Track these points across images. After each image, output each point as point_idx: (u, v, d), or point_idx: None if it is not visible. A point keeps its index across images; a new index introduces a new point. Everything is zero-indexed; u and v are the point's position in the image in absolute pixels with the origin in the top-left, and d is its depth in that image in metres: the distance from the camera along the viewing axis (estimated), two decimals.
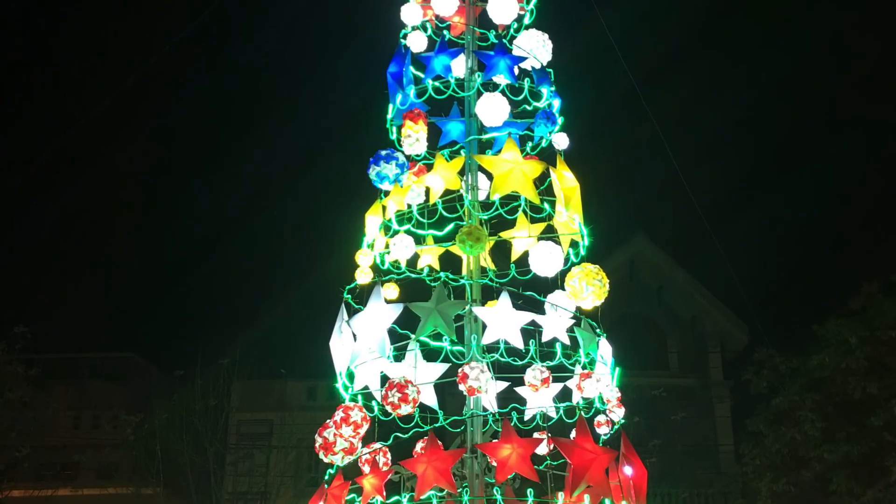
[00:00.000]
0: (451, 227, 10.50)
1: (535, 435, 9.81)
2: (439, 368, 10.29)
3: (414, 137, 10.59)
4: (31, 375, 27.30)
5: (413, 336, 9.89)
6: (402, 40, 11.39)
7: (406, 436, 10.10)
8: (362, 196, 11.13)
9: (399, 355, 10.27)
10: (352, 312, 10.17)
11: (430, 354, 10.30)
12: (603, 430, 10.12)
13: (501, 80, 10.93)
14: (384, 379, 9.85)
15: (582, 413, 9.81)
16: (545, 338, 10.10)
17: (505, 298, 9.90)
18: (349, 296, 10.51)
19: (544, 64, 11.30)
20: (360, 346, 9.91)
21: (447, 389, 10.47)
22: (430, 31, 11.49)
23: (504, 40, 11.18)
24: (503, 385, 10.65)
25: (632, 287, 33.04)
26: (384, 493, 9.48)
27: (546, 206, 10.44)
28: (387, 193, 10.79)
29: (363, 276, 10.69)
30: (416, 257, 11.03)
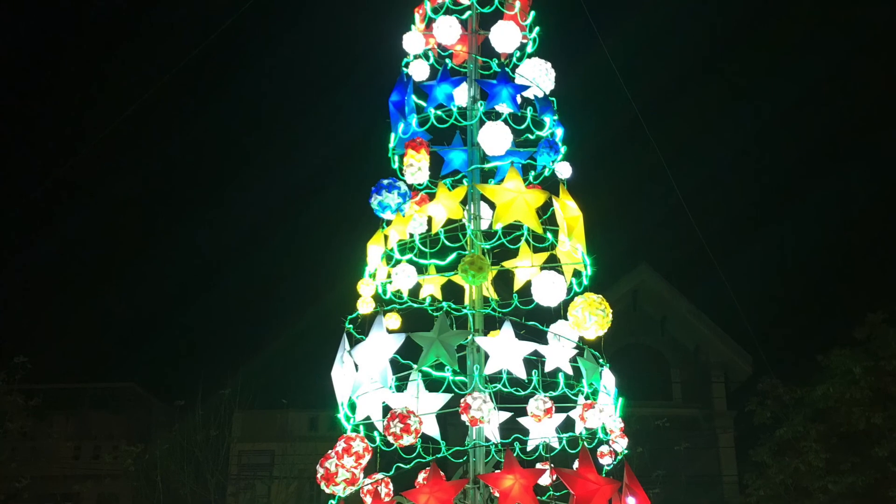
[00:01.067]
0: (453, 256, 10.44)
1: (538, 466, 9.73)
2: (441, 399, 10.20)
3: (416, 166, 10.54)
4: (31, 406, 27.14)
5: (415, 366, 9.82)
6: (405, 69, 11.38)
7: (408, 466, 10.02)
8: (364, 225, 11.11)
9: (401, 385, 10.20)
10: (353, 342, 10.10)
11: (433, 385, 10.21)
12: (606, 461, 10.04)
13: (504, 108, 10.92)
14: (386, 409, 9.78)
15: (585, 443, 9.75)
16: (548, 368, 10.04)
17: (507, 328, 9.83)
18: (351, 326, 10.44)
19: (547, 93, 11.29)
20: (361, 376, 9.83)
21: (449, 420, 10.39)
22: (432, 60, 11.49)
23: (507, 69, 11.18)
24: (506, 415, 10.60)
25: (635, 317, 32.97)
26: None
27: (549, 235, 10.39)
28: (389, 223, 10.75)
29: (365, 306, 10.63)
30: (418, 287, 10.98)
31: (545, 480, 9.59)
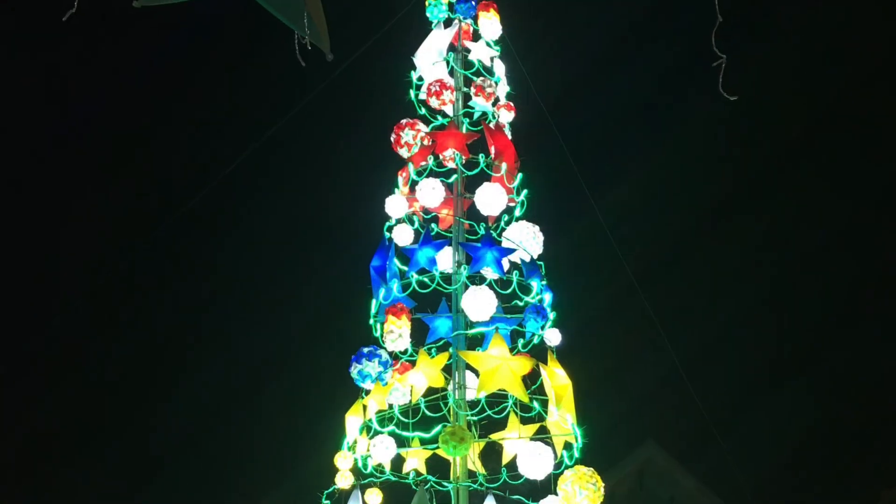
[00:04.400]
0: (438, 428, 10.03)
1: None
2: None
3: (397, 333, 10.20)
4: None
5: None
6: (387, 233, 11.09)
7: None
8: (343, 395, 10.67)
9: None
10: None
11: None
12: None
13: (489, 273, 10.58)
14: None
15: None
16: None
17: (490, 502, 9.36)
18: (328, 501, 10.13)
19: (535, 256, 10.97)
20: None
21: None
22: (416, 224, 11.20)
23: (493, 233, 10.90)
24: None
25: (641, 497, 31.98)
26: None
27: (536, 405, 9.98)
28: (368, 392, 10.32)
29: (343, 480, 10.20)
30: (401, 460, 10.50)
31: None
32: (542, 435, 10.19)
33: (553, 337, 10.52)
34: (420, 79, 11.65)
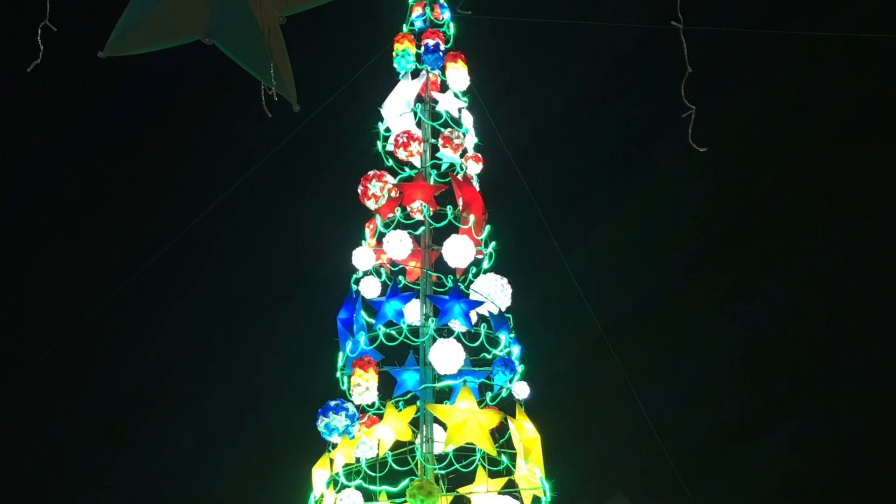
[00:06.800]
0: (406, 482, 9.90)
1: None
2: None
3: (364, 386, 10.12)
4: None
5: None
6: (354, 285, 10.99)
7: None
8: (309, 449, 10.53)
9: None
10: None
11: None
12: None
13: (457, 325, 10.51)
14: None
15: None
16: None
17: None
18: None
19: (503, 309, 10.90)
20: None
21: None
22: (383, 277, 11.12)
23: (461, 285, 10.83)
24: None
25: None
26: None
27: (504, 458, 9.88)
28: (335, 446, 10.18)
29: None
30: None
31: None
32: (511, 489, 10.09)
33: (521, 390, 10.44)
34: (387, 130, 11.65)
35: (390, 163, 11.51)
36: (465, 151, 11.53)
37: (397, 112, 11.62)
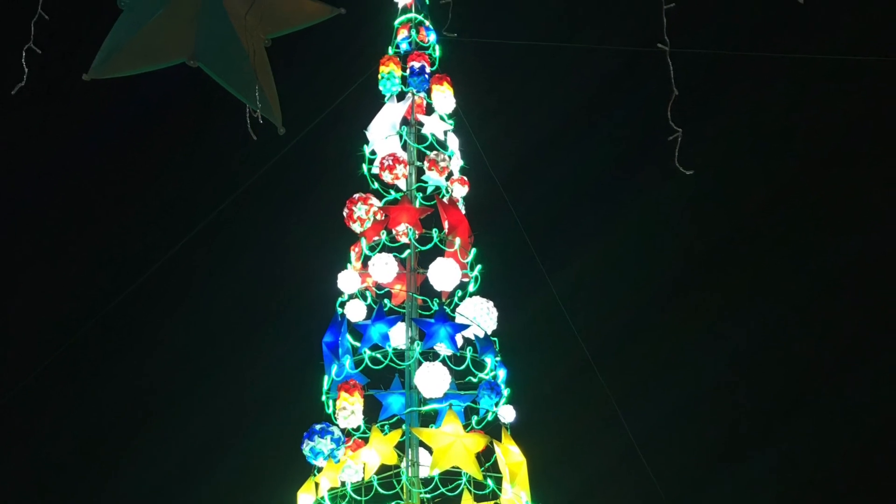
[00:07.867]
0: None
1: None
2: None
3: (349, 410, 10.11)
4: None
5: None
6: (340, 309, 10.95)
7: None
8: (294, 473, 10.49)
9: None
10: None
11: None
12: None
13: (443, 349, 10.48)
14: None
15: None
16: None
17: None
18: None
19: (489, 332, 10.86)
20: None
21: None
22: (369, 300, 11.08)
23: (447, 308, 10.80)
24: None
25: None
26: None
27: (490, 482, 9.85)
28: (320, 469, 10.14)
29: None
30: None
31: None
32: None
33: (507, 413, 10.42)
34: (373, 152, 11.63)
35: (376, 185, 11.50)
36: (450, 174, 11.52)
37: (383, 135, 11.61)
